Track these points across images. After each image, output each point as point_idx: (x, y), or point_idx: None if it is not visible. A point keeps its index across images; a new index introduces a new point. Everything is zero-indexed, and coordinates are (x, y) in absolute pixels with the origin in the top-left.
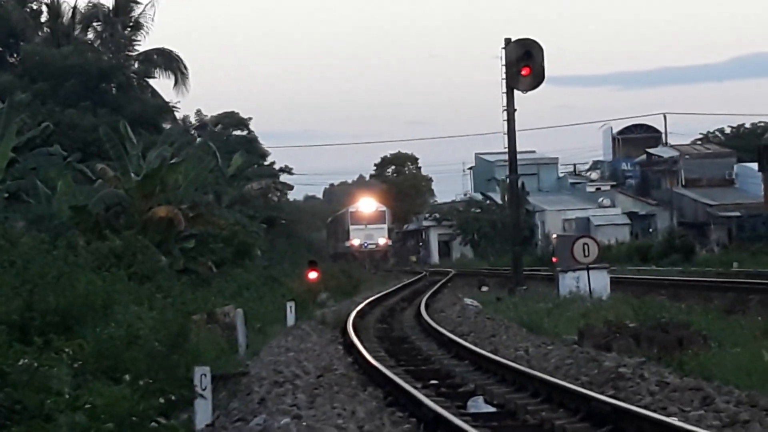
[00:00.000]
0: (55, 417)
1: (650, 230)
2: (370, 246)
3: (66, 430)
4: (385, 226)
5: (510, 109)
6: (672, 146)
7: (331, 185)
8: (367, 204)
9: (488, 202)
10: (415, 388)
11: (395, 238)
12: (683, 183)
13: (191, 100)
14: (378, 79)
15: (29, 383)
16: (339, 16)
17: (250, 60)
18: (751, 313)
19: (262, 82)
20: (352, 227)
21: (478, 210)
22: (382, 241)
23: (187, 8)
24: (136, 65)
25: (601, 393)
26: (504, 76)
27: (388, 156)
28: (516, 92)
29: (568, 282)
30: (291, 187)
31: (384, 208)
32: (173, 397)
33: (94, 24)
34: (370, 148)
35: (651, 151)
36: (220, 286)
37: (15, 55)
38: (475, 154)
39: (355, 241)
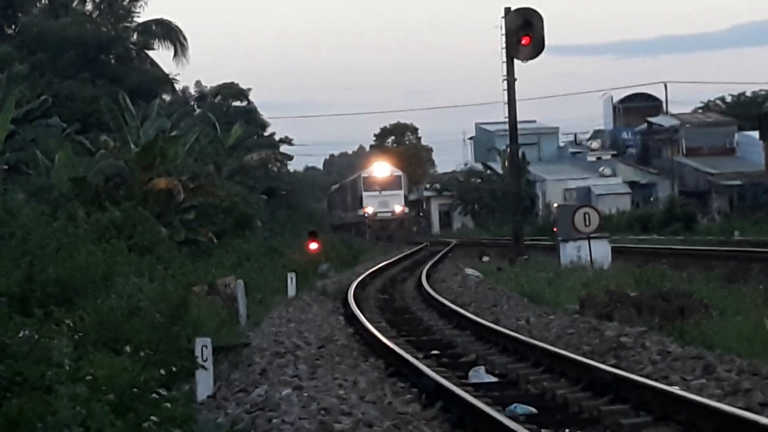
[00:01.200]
0: (56, 388)
1: (651, 199)
2: (385, 214)
3: (67, 401)
4: (402, 192)
5: (510, 79)
6: (673, 115)
7: (331, 156)
8: (381, 168)
9: (489, 171)
10: (417, 358)
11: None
12: (684, 152)
13: (191, 71)
14: (377, 48)
15: (30, 355)
16: None
17: (250, 30)
18: (753, 281)
19: (262, 53)
20: (365, 194)
21: (479, 180)
22: (399, 208)
23: None
24: (135, 36)
25: (603, 362)
26: (504, 45)
27: (388, 126)
28: (516, 61)
29: (569, 252)
30: (291, 158)
31: (399, 173)
32: (174, 369)
33: None
34: (369, 119)
35: (652, 120)
36: (220, 257)
37: (13, 27)
38: (476, 123)
39: (369, 209)
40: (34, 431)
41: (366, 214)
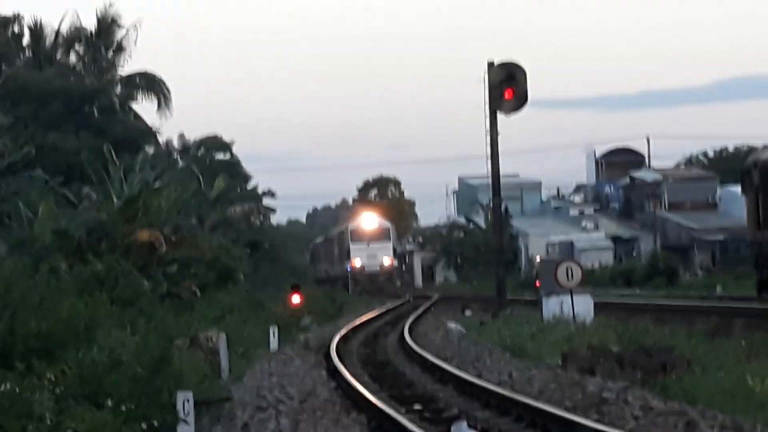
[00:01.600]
0: None
1: (634, 254)
2: (373, 267)
3: None
4: (390, 244)
5: (493, 133)
6: (655, 169)
7: (314, 209)
8: (369, 219)
9: (472, 225)
10: (399, 413)
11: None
12: (667, 206)
13: (174, 123)
14: (360, 102)
15: (11, 409)
16: (321, 39)
17: (233, 82)
18: (735, 336)
19: (246, 105)
20: (353, 246)
21: (462, 234)
22: (387, 261)
23: (171, 32)
24: (119, 88)
25: (585, 417)
26: (487, 99)
27: (371, 180)
28: (499, 115)
29: (551, 306)
30: (274, 211)
31: (388, 224)
32: (156, 423)
33: (77, 47)
34: (353, 172)
35: (634, 174)
36: (203, 310)
37: None
38: (459, 177)
39: (357, 262)
40: None
41: (353, 268)
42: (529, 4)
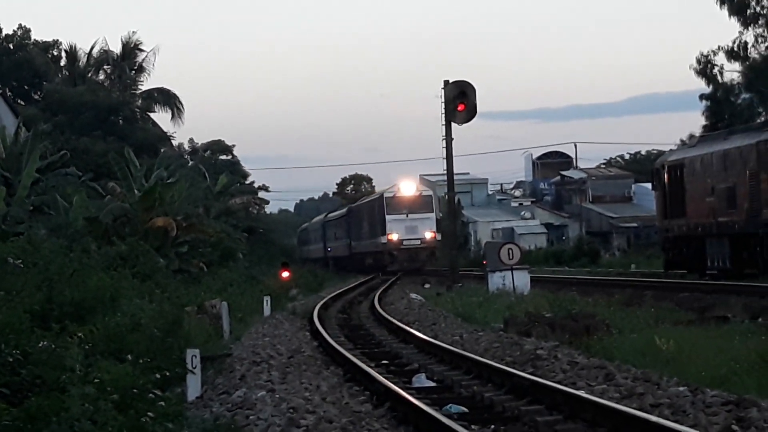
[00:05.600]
0: (69, 389)
1: (563, 238)
2: (413, 242)
3: (78, 399)
4: (433, 215)
5: (448, 139)
6: (581, 169)
7: (301, 200)
8: (408, 187)
9: None
10: (370, 366)
11: None
12: (591, 199)
13: (185, 130)
14: (339, 114)
15: (47, 362)
16: (306, 64)
17: (235, 96)
18: (646, 305)
19: (245, 116)
20: (389, 217)
21: None
22: (429, 234)
23: (183, 55)
24: (140, 101)
25: (523, 370)
26: (443, 111)
27: (348, 177)
28: (453, 124)
29: (495, 280)
30: (267, 202)
31: (430, 192)
32: (168, 374)
33: (105, 67)
34: (332, 170)
35: (564, 173)
36: (208, 283)
37: (39, 93)
38: (420, 175)
39: (394, 236)
40: (50, 425)
41: (390, 242)
42: (480, 36)
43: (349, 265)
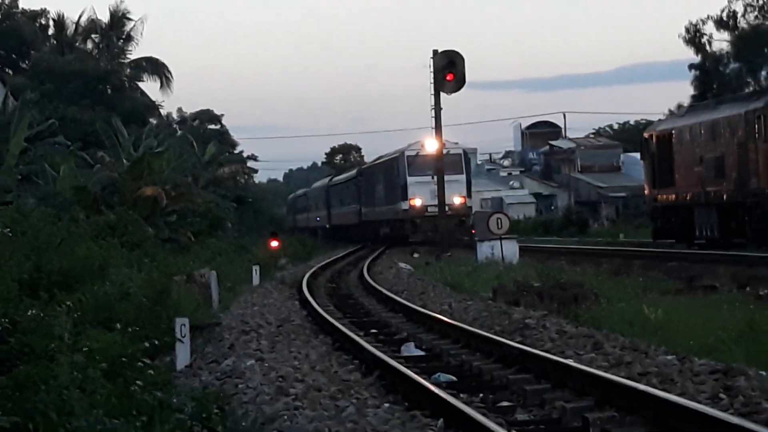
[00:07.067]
0: (58, 357)
1: (552, 208)
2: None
3: (67, 368)
4: (464, 177)
5: (437, 109)
6: (570, 139)
7: (290, 170)
8: (435, 145)
9: None
10: (358, 335)
11: None
12: (579, 169)
13: (174, 99)
14: (328, 84)
15: (36, 330)
16: (297, 36)
17: (224, 65)
18: (634, 275)
19: (234, 84)
20: (411, 180)
21: None
22: (459, 200)
23: (172, 23)
24: (128, 70)
25: (511, 339)
26: (432, 81)
27: (336, 147)
28: (442, 94)
29: (484, 250)
30: (256, 171)
31: (460, 151)
32: (157, 343)
33: (93, 36)
34: (322, 140)
35: (553, 143)
36: (197, 252)
37: (27, 62)
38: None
39: (417, 201)
40: (38, 393)
41: (413, 208)
42: (469, 5)
43: (357, 235)
